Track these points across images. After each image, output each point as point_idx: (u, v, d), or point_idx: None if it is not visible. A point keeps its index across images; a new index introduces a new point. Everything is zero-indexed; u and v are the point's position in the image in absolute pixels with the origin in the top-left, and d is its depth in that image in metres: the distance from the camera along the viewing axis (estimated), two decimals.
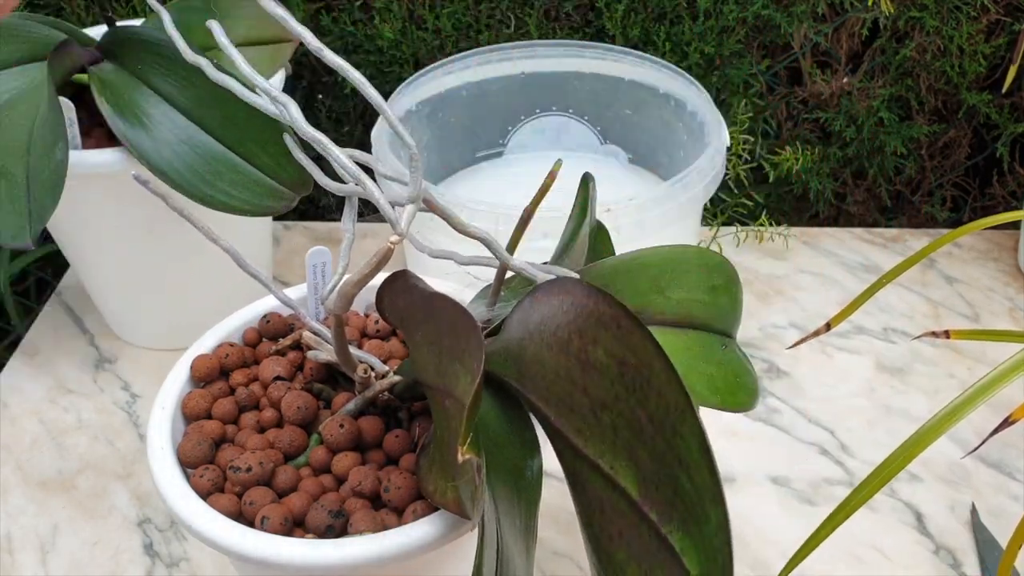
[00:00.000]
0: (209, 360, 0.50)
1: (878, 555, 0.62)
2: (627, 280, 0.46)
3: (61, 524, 0.65)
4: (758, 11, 0.86)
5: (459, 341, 0.35)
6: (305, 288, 0.53)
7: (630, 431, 0.34)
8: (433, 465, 0.39)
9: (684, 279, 0.46)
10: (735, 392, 0.44)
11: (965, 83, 0.90)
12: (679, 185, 0.66)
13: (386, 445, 0.45)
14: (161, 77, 0.65)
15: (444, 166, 0.84)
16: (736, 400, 0.44)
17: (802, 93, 0.92)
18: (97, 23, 0.89)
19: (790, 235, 0.89)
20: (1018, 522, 0.47)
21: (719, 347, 0.46)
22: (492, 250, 0.43)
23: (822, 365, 0.76)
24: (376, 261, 0.36)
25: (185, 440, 0.46)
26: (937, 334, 0.56)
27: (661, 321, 0.45)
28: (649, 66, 0.79)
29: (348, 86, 0.91)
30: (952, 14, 0.87)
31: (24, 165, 0.59)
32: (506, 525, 0.37)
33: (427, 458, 0.41)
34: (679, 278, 0.46)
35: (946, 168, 0.97)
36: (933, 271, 0.86)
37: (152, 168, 0.62)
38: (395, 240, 0.36)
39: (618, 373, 0.34)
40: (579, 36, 0.90)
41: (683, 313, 0.45)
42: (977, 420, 0.68)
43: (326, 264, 0.52)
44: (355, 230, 0.44)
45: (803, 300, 0.83)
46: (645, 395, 0.33)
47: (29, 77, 0.64)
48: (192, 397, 0.48)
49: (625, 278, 0.46)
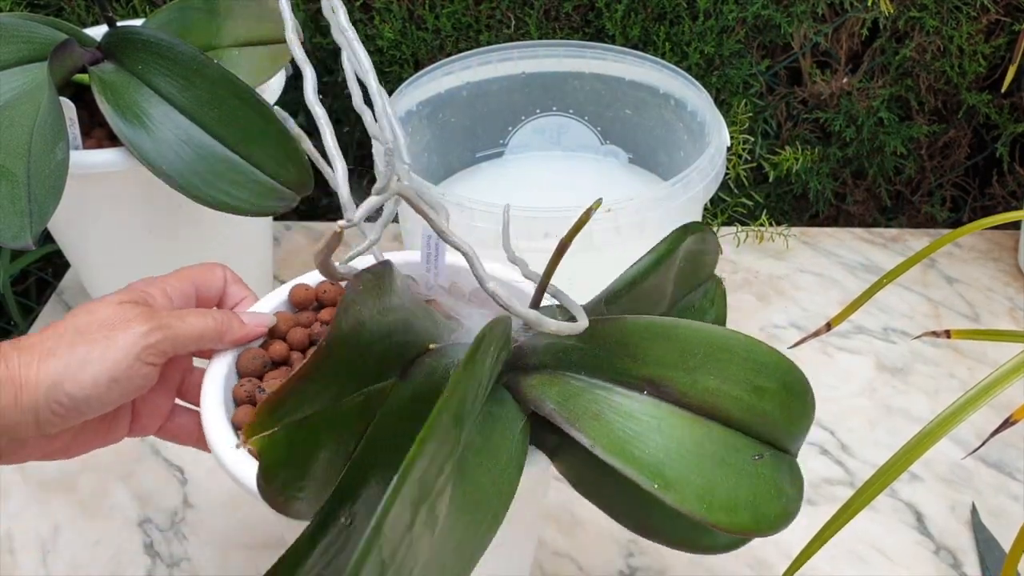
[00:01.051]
0: (308, 291, 0.52)
1: (879, 555, 0.62)
2: (652, 344, 0.42)
3: (62, 524, 0.65)
4: (758, 11, 0.86)
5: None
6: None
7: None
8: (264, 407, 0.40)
9: (721, 367, 0.41)
10: (738, 510, 0.39)
11: (965, 83, 0.90)
12: (679, 185, 0.66)
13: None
14: (162, 77, 0.65)
15: (444, 166, 0.84)
16: (734, 519, 0.38)
17: (802, 93, 0.92)
18: (97, 23, 0.88)
19: (790, 235, 0.89)
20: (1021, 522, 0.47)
21: (750, 455, 0.40)
22: (472, 266, 0.41)
23: (823, 365, 0.76)
24: (324, 243, 0.37)
25: (245, 352, 0.48)
26: (937, 334, 0.56)
27: (681, 402, 0.41)
28: (649, 66, 0.79)
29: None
30: (952, 14, 0.87)
31: (25, 165, 0.59)
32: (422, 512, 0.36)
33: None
34: (715, 364, 0.41)
35: (946, 168, 0.97)
36: (933, 271, 0.86)
37: (152, 168, 0.62)
38: (343, 224, 0.36)
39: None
40: (579, 36, 0.90)
41: (710, 403, 0.41)
42: (977, 421, 0.68)
43: (438, 241, 0.52)
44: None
45: (803, 300, 0.83)
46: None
47: (30, 77, 0.64)
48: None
49: (651, 342, 0.42)
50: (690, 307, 0.52)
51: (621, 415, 0.41)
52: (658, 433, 0.40)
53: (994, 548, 0.62)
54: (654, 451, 0.40)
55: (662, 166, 0.82)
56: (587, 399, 0.42)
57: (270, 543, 0.64)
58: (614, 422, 0.41)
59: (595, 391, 0.42)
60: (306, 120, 0.96)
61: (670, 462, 0.39)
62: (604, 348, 0.42)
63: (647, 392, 0.41)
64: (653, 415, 0.41)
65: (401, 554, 0.33)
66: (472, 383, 0.38)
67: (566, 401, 0.42)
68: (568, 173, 0.84)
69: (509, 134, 0.85)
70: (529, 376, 0.44)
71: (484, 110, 0.83)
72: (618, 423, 0.41)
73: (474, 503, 0.38)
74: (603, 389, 0.42)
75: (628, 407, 0.41)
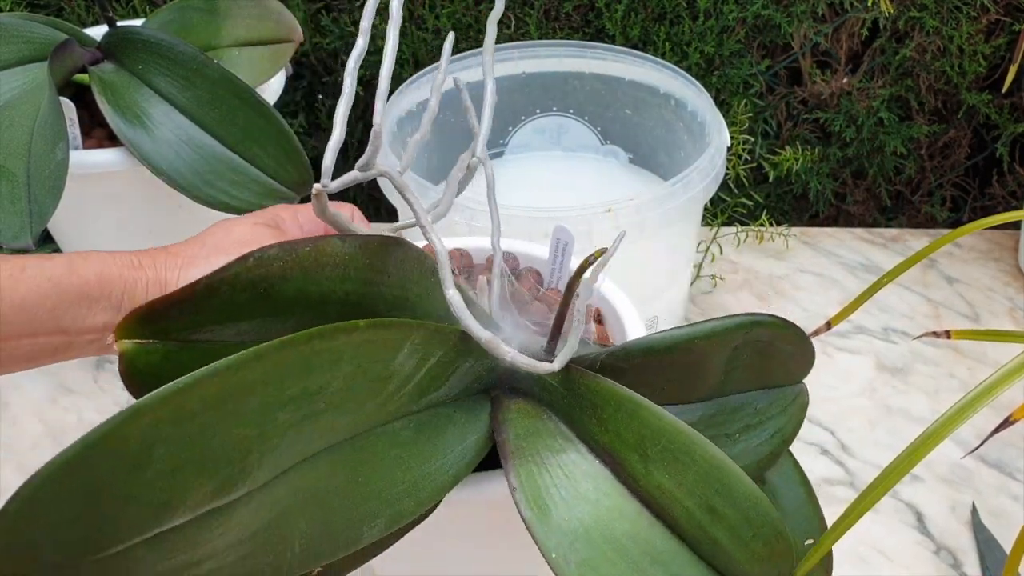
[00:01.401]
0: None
1: (879, 555, 0.62)
2: (616, 416, 0.38)
3: None
4: (758, 11, 0.86)
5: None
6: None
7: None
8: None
9: (678, 469, 0.37)
10: None
11: (965, 83, 0.90)
12: (679, 185, 0.66)
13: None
14: (162, 77, 0.65)
15: (444, 166, 0.83)
16: None
17: (802, 93, 0.92)
18: (98, 23, 0.88)
19: (790, 235, 0.89)
20: (1021, 522, 0.47)
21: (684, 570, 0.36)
22: (440, 269, 0.38)
23: (823, 365, 0.76)
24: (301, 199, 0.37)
25: None
26: (938, 334, 0.56)
27: (633, 487, 0.37)
28: (649, 66, 0.79)
29: None
30: (952, 14, 0.87)
31: (25, 165, 0.59)
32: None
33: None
34: (673, 464, 0.37)
35: (946, 168, 0.97)
36: (933, 271, 0.86)
37: (153, 168, 0.62)
38: (318, 188, 0.37)
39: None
40: (579, 36, 0.90)
41: (659, 502, 0.36)
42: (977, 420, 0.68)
43: (568, 243, 0.53)
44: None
45: (803, 300, 0.83)
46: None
47: (30, 77, 0.64)
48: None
49: (616, 413, 0.38)
50: (745, 407, 0.44)
51: (564, 473, 0.38)
52: (591, 506, 0.37)
53: (994, 548, 0.62)
54: (572, 522, 0.36)
55: (662, 166, 0.82)
56: (543, 443, 0.39)
57: None
58: (552, 476, 0.37)
59: (557, 439, 0.39)
60: (306, 121, 0.96)
61: (583, 541, 0.35)
62: (578, 402, 0.40)
63: (605, 462, 0.38)
64: (598, 487, 0.37)
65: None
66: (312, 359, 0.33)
67: (525, 437, 0.39)
68: (568, 173, 0.84)
69: (509, 134, 0.85)
70: (515, 398, 0.41)
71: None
72: (555, 479, 0.37)
73: (363, 480, 0.35)
74: (566, 440, 0.39)
75: (576, 468, 0.38)
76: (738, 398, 0.44)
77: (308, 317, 0.38)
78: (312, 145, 0.97)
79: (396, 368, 0.36)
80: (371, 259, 0.39)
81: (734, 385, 0.44)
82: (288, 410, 0.32)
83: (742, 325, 0.41)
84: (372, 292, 0.40)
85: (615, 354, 0.42)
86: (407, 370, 0.37)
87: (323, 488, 0.34)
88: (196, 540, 0.30)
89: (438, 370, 0.38)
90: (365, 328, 0.34)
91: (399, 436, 0.37)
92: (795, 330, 0.43)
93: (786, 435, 0.45)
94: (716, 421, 0.43)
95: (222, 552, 0.31)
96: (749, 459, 0.43)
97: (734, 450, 0.42)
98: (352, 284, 0.39)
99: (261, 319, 0.37)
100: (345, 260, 0.38)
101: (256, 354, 0.31)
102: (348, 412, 0.35)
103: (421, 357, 0.37)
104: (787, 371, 0.45)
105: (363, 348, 0.34)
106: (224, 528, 0.31)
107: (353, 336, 0.34)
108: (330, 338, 0.33)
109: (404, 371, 0.37)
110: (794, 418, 0.45)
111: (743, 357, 0.43)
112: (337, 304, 0.39)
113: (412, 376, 0.37)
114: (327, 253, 0.38)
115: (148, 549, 0.29)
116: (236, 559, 0.32)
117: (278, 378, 0.32)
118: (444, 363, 0.39)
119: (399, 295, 0.40)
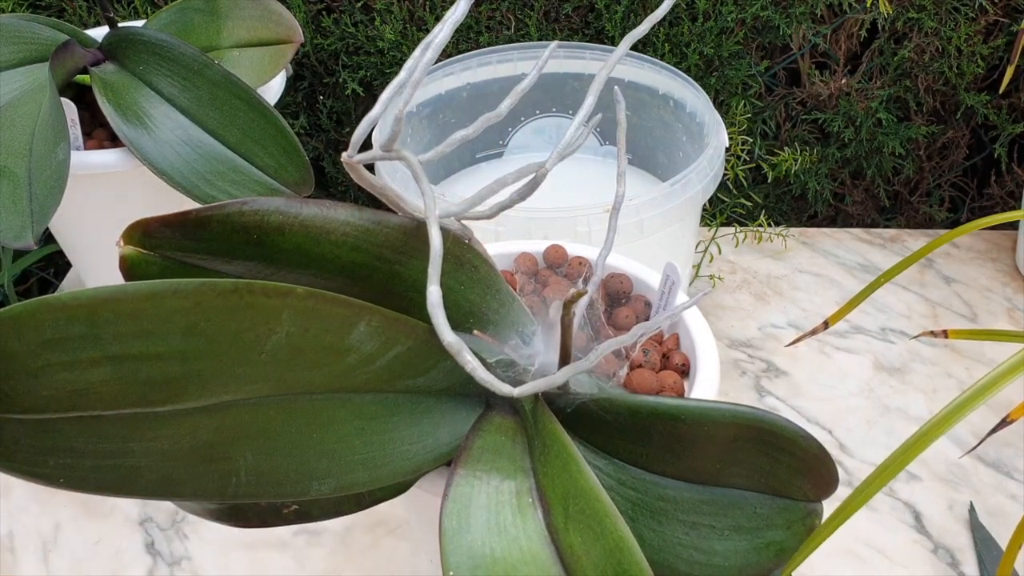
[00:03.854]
0: (531, 258, 0.56)
1: (877, 554, 0.62)
2: (556, 460, 0.37)
3: (63, 523, 0.65)
4: (757, 12, 0.87)
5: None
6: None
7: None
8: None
9: (592, 536, 0.35)
10: None
11: (963, 84, 0.90)
12: (678, 185, 0.66)
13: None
14: (163, 78, 0.65)
15: (444, 166, 0.84)
16: None
17: (801, 94, 0.93)
18: (99, 24, 0.89)
19: (788, 235, 0.90)
20: (1018, 521, 0.48)
21: None
22: (429, 271, 0.36)
23: (821, 365, 0.77)
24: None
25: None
26: (935, 334, 0.56)
27: (552, 533, 0.36)
28: (648, 67, 0.79)
29: (349, 87, 0.91)
30: (950, 15, 0.87)
31: (26, 165, 0.59)
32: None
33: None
34: (587, 528, 0.35)
35: (944, 168, 0.97)
36: (931, 271, 0.86)
37: (154, 168, 0.62)
38: (347, 158, 0.37)
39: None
40: (579, 37, 0.90)
41: (570, 561, 0.35)
42: (975, 420, 0.69)
43: (675, 282, 0.53)
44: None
45: (801, 300, 0.84)
46: None
47: (31, 78, 0.64)
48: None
49: (556, 457, 0.37)
50: (743, 506, 0.41)
51: (500, 499, 0.37)
52: (508, 542, 0.35)
53: (992, 547, 0.62)
54: (484, 549, 0.35)
55: (661, 167, 0.82)
56: (499, 464, 0.37)
57: (271, 543, 0.64)
58: (488, 498, 0.36)
59: (513, 464, 0.38)
60: (307, 121, 0.96)
61: (485, 570, 0.34)
62: (538, 435, 0.39)
63: (541, 503, 0.37)
64: (524, 526, 0.36)
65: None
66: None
67: (487, 451, 0.38)
68: (567, 174, 0.84)
69: (509, 135, 0.85)
70: (504, 414, 0.40)
71: (484, 111, 0.83)
72: (489, 502, 0.36)
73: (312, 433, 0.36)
74: (519, 469, 0.38)
75: (513, 500, 0.37)
76: (736, 494, 0.41)
77: (307, 274, 0.38)
78: (312, 145, 0.97)
79: (353, 343, 0.36)
80: (392, 237, 0.39)
81: (732, 479, 0.40)
82: (214, 344, 0.32)
83: (738, 418, 0.38)
84: (387, 269, 0.39)
85: (599, 400, 0.40)
86: (368, 349, 0.36)
87: (273, 430, 0.35)
88: (125, 436, 0.32)
89: (410, 359, 0.38)
90: (304, 296, 0.34)
91: (365, 409, 0.37)
92: (811, 443, 0.39)
93: (783, 553, 0.41)
94: (705, 510, 0.40)
95: (158, 454, 0.33)
96: (733, 562, 0.40)
97: (719, 546, 0.40)
98: (363, 256, 0.39)
99: (255, 262, 0.38)
100: (358, 230, 0.38)
101: (175, 288, 0.31)
102: (297, 368, 0.35)
103: (384, 341, 0.37)
104: (801, 486, 0.42)
105: (306, 315, 0.34)
106: (157, 434, 0.32)
107: (289, 300, 0.34)
108: (260, 294, 0.33)
109: (365, 349, 0.36)
110: (797, 537, 0.42)
111: (743, 452, 0.40)
112: (342, 271, 0.38)
113: (376, 357, 0.37)
114: (336, 220, 0.38)
115: (71, 425, 0.31)
116: (179, 465, 0.33)
117: (202, 314, 0.32)
118: (418, 354, 0.38)
119: (420, 280, 0.39)
